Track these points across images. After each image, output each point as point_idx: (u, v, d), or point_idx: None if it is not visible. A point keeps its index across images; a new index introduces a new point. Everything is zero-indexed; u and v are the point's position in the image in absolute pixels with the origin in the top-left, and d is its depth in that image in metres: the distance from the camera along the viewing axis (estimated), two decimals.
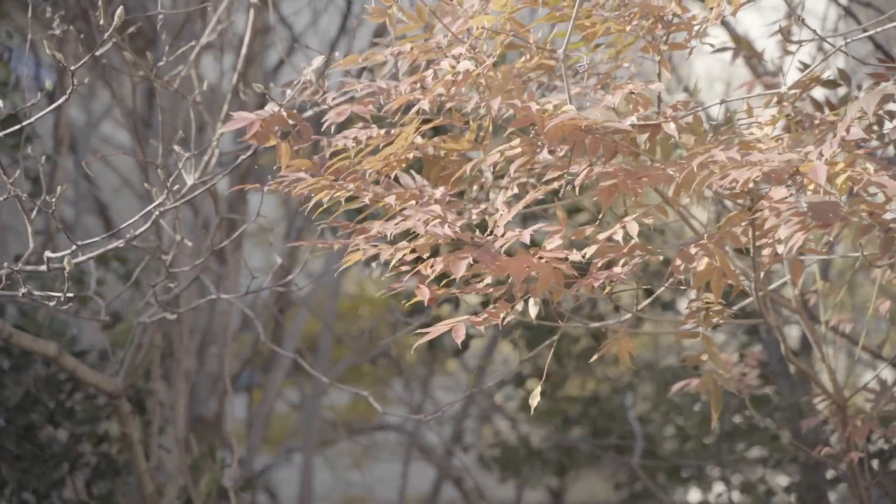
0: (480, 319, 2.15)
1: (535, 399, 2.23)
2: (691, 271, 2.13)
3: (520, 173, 2.65)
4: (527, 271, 2.09)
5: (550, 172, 2.29)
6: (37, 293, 2.38)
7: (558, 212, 2.23)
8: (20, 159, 2.63)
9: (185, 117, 4.23)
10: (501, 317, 2.17)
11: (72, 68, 2.17)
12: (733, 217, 2.17)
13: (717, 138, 2.29)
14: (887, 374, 4.86)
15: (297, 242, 2.49)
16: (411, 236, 2.22)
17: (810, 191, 2.03)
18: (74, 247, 2.38)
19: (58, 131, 4.40)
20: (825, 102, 2.95)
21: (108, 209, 7.06)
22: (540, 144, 2.28)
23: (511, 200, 2.44)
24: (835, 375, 2.76)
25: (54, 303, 2.37)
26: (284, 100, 2.52)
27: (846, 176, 1.99)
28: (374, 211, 2.35)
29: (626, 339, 2.24)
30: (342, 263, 2.31)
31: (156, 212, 2.48)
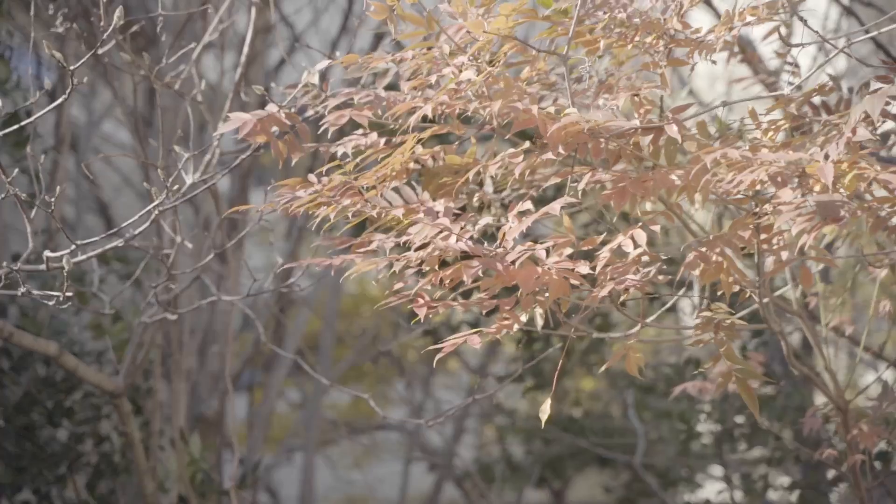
0: (494, 331, 2.14)
1: (544, 412, 2.20)
2: (697, 270, 2.12)
3: (519, 185, 2.64)
4: (535, 281, 2.07)
5: (553, 179, 2.28)
6: (36, 292, 2.38)
7: (565, 220, 2.21)
8: (21, 158, 2.63)
9: (185, 117, 4.23)
10: (513, 327, 2.15)
11: (72, 67, 2.17)
12: (738, 222, 2.15)
13: (721, 144, 2.28)
14: (888, 374, 4.85)
15: (299, 263, 2.47)
16: (417, 246, 2.20)
17: (817, 191, 2.02)
18: (74, 246, 2.38)
19: (59, 130, 4.40)
20: (821, 105, 2.95)
21: (109, 208, 7.06)
22: (542, 149, 2.28)
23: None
24: (836, 378, 2.75)
25: (53, 302, 2.36)
26: (285, 101, 2.51)
27: (853, 175, 1.98)
28: (382, 224, 2.33)
29: (634, 350, 2.21)
30: (347, 273, 2.30)
31: (155, 211, 2.48)
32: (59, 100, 2.24)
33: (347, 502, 9.25)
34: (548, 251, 2.13)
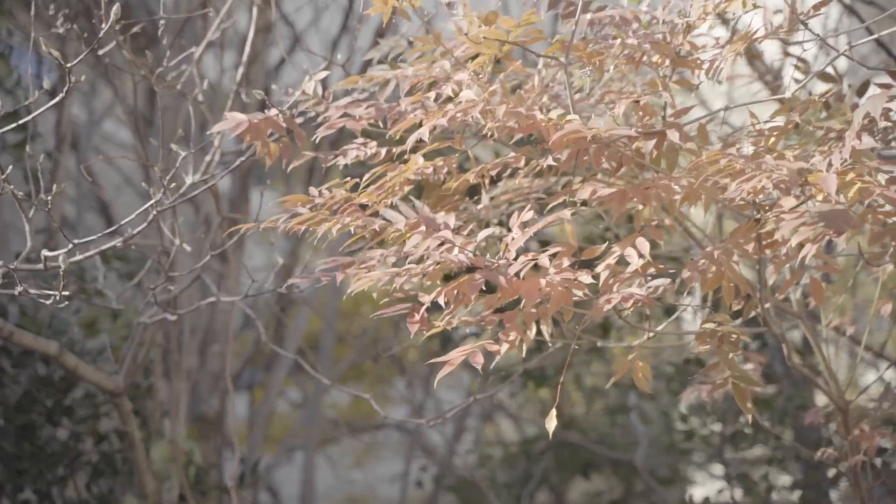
0: (498, 347, 2.12)
1: (551, 423, 2.18)
2: (698, 279, 2.11)
3: (514, 195, 2.64)
4: (539, 293, 2.06)
5: (553, 199, 2.27)
6: (33, 291, 2.38)
7: (566, 228, 2.20)
8: (22, 158, 2.63)
9: (186, 116, 4.23)
10: (516, 342, 2.14)
11: (68, 66, 2.17)
12: (739, 229, 2.14)
13: (722, 150, 2.27)
14: (889, 374, 4.85)
15: (300, 278, 2.45)
16: (418, 258, 2.19)
17: (819, 200, 2.00)
18: (71, 245, 2.38)
19: (60, 129, 4.39)
20: (823, 102, 2.94)
21: (110, 207, 7.06)
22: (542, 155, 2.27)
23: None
24: (836, 378, 2.75)
25: (50, 301, 2.36)
26: (285, 104, 2.52)
27: (857, 188, 1.97)
28: (385, 238, 2.32)
29: (639, 362, 2.19)
30: (350, 291, 2.29)
31: (153, 211, 2.48)
32: (58, 97, 2.24)
33: (348, 501, 9.25)
34: (550, 258, 2.12)
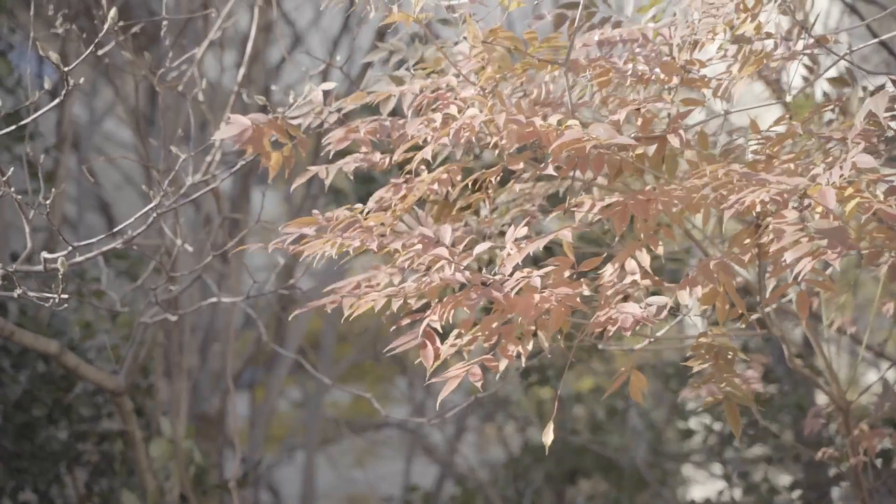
0: (496, 364, 2.11)
1: (548, 436, 2.15)
2: (689, 295, 2.10)
3: (520, 199, 2.63)
4: (536, 310, 2.05)
5: (556, 209, 2.26)
6: (32, 294, 2.38)
7: (565, 245, 2.19)
8: (22, 157, 2.63)
9: (187, 115, 4.23)
10: (514, 357, 2.13)
11: (66, 68, 2.16)
12: (739, 235, 2.13)
13: (724, 160, 2.26)
14: (891, 374, 4.85)
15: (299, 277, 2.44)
16: (419, 276, 2.19)
17: (818, 213, 1.99)
18: (71, 248, 2.37)
19: (60, 129, 4.39)
20: (834, 101, 2.94)
21: (111, 207, 7.06)
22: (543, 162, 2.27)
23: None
24: (837, 378, 2.75)
25: (49, 303, 2.36)
26: (286, 105, 2.52)
27: (855, 202, 1.95)
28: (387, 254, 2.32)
29: (637, 374, 2.17)
30: (347, 314, 2.29)
31: (153, 213, 2.48)
32: (57, 100, 2.24)
33: (349, 501, 9.26)
34: (547, 274, 2.12)
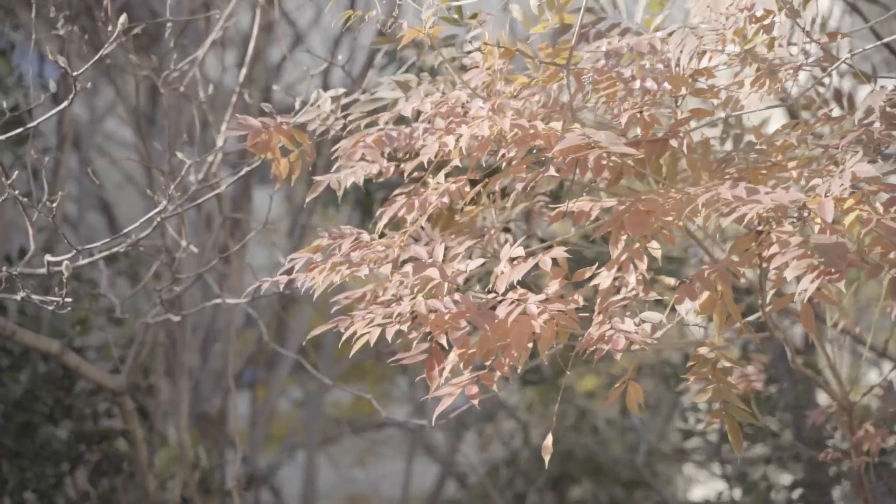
0: (493, 381, 2.11)
1: (547, 451, 2.14)
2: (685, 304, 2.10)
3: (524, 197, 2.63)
4: (527, 335, 2.03)
5: (550, 218, 2.26)
6: (35, 297, 2.38)
7: (560, 259, 2.18)
8: (22, 155, 2.63)
9: (188, 115, 4.22)
10: (510, 372, 2.12)
11: (75, 73, 2.16)
12: (740, 242, 2.12)
13: (723, 170, 2.26)
14: (893, 375, 4.84)
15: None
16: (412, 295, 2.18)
17: (818, 224, 1.98)
18: (75, 251, 2.37)
19: (61, 128, 4.39)
20: (847, 98, 2.95)
21: (112, 206, 7.06)
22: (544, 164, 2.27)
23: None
24: (840, 379, 2.74)
25: (53, 306, 2.36)
26: (286, 103, 2.51)
27: (855, 215, 1.95)
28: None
29: (634, 385, 2.17)
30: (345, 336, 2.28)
31: (157, 218, 2.48)
32: (63, 105, 2.24)
33: (350, 500, 9.25)
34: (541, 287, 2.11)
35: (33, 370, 3.90)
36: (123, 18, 2.19)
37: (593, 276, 2.19)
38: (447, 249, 2.33)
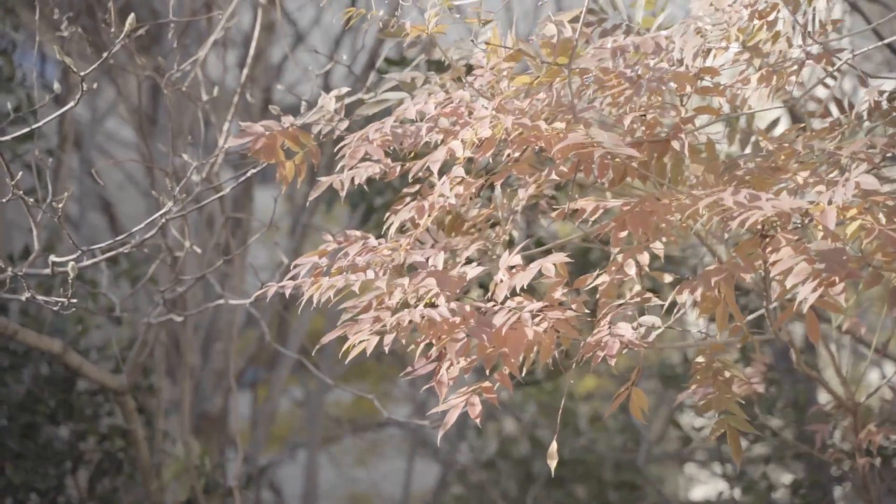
0: (494, 393, 2.11)
1: (552, 459, 2.14)
2: (689, 303, 2.10)
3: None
4: (525, 345, 2.03)
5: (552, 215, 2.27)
6: (40, 297, 2.38)
7: (559, 266, 2.17)
8: (23, 153, 2.63)
9: (190, 115, 4.23)
10: (510, 383, 2.12)
11: (81, 74, 2.16)
12: (744, 246, 2.11)
13: (727, 175, 2.26)
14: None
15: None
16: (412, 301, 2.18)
17: (820, 230, 1.98)
18: (79, 252, 2.37)
19: (62, 128, 4.40)
20: (847, 102, 2.94)
21: (113, 206, 7.06)
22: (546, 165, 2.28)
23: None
24: (845, 379, 2.74)
25: (57, 307, 2.36)
26: (286, 103, 2.51)
27: (857, 225, 1.95)
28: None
29: (637, 391, 2.16)
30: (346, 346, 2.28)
31: (161, 219, 2.48)
32: (69, 105, 2.24)
33: (351, 500, 9.26)
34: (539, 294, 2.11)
35: (35, 371, 3.90)
36: (131, 19, 2.18)
37: (595, 279, 2.19)
38: (454, 252, 2.33)
